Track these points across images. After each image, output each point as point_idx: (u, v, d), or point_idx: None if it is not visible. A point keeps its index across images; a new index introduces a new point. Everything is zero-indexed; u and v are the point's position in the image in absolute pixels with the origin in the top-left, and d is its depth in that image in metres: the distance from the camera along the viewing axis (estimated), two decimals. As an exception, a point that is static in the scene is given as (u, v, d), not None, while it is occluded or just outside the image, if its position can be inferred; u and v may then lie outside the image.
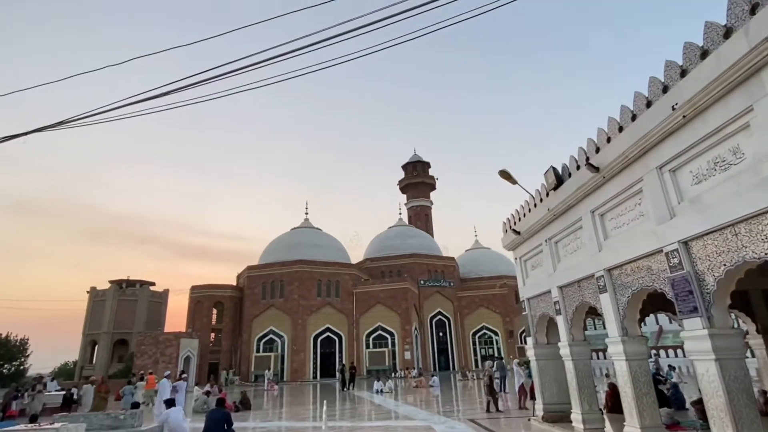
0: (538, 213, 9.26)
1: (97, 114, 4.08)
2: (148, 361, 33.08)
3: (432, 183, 62.94)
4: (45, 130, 4.25)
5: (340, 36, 5.47)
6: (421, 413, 13.53)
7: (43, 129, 4.25)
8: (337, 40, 5.57)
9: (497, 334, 44.28)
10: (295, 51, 5.56)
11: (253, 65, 5.51)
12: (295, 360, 38.09)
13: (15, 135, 4.25)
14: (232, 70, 5.37)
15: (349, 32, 5.49)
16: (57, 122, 4.17)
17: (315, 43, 5.49)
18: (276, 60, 5.59)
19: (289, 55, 5.60)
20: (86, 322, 49.06)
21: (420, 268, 45.54)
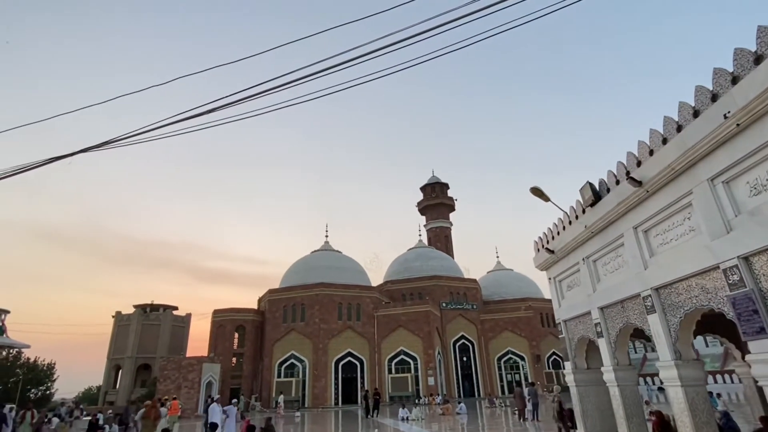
0: (573, 231, 8.94)
1: (140, 134, 4.12)
2: (171, 386, 33.00)
3: (451, 204, 62.61)
4: (90, 151, 4.32)
5: (359, 58, 5.46)
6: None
7: (89, 149, 4.32)
8: (357, 62, 5.56)
9: (523, 358, 42.84)
10: (319, 72, 5.57)
11: (281, 86, 5.53)
12: (316, 386, 37.44)
13: (60, 156, 4.33)
14: (262, 91, 5.39)
15: (369, 53, 5.48)
16: (102, 142, 4.24)
17: (335, 65, 5.49)
18: (301, 82, 5.61)
19: (311, 77, 5.61)
20: (111, 346, 49.56)
21: (441, 291, 44.80)
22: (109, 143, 4.22)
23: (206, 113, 4.57)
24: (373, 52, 5.45)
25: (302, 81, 5.51)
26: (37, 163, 4.33)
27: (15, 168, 4.28)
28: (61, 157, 4.36)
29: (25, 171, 4.30)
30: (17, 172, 4.28)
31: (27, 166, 4.31)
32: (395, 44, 5.43)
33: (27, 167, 4.28)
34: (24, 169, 4.32)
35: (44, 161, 4.37)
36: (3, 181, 5.92)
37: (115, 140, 4.18)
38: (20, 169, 4.28)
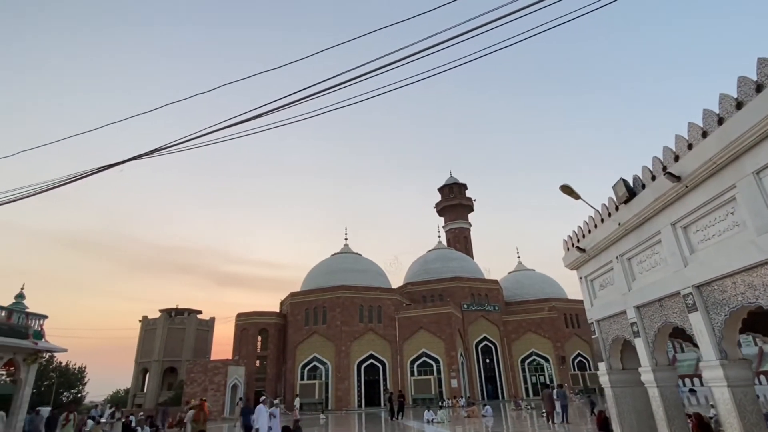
0: (606, 229, 8.77)
1: (186, 141, 4.25)
2: (198, 389, 33.62)
3: (470, 204, 62.21)
4: (141, 158, 4.47)
5: (381, 68, 5.49)
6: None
7: (139, 157, 4.47)
8: (378, 72, 5.59)
9: (548, 360, 42.17)
10: (343, 83, 5.62)
11: (309, 96, 5.59)
12: (339, 388, 37.59)
13: (112, 164, 4.49)
14: (288, 102, 5.46)
15: (391, 63, 5.49)
16: (151, 150, 4.38)
17: (359, 76, 5.52)
18: (327, 92, 5.66)
19: (335, 88, 5.65)
20: (138, 350, 50.76)
21: (462, 292, 44.48)
22: (157, 151, 4.35)
23: (244, 122, 4.67)
24: (395, 62, 5.48)
25: (328, 91, 5.57)
26: (88, 172, 4.50)
27: (68, 177, 4.47)
28: (112, 165, 4.51)
29: (77, 180, 4.49)
30: (69, 182, 4.46)
31: (78, 175, 4.49)
32: (416, 54, 5.44)
33: (79, 176, 4.47)
34: (76, 177, 4.51)
35: (96, 169, 4.54)
36: (33, 190, 6.13)
37: (162, 148, 4.31)
38: (72, 178, 4.47)
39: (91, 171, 4.47)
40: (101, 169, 4.52)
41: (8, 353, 12.75)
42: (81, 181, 5.48)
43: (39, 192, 4.59)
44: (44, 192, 4.60)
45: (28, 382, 13.53)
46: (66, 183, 4.45)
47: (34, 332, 13.53)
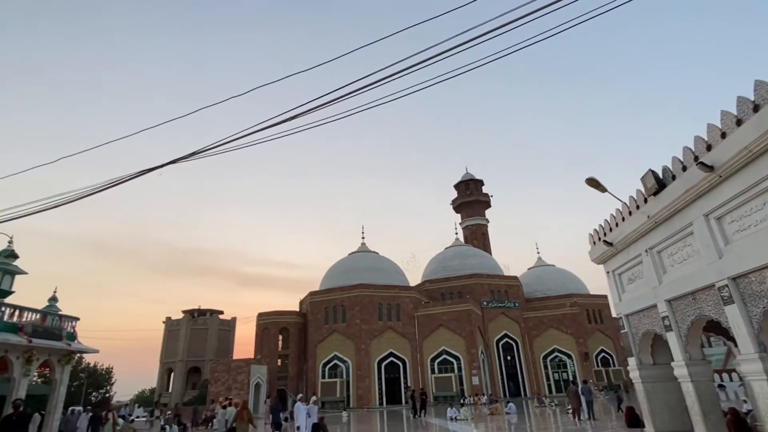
0: (634, 221, 8.62)
1: (224, 144, 4.34)
2: (222, 388, 34.14)
3: (486, 201, 61.67)
4: (179, 162, 4.60)
5: (401, 72, 5.48)
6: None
7: (177, 161, 4.59)
8: (400, 75, 5.58)
9: (570, 356, 41.56)
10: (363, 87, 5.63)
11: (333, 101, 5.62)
12: (360, 386, 37.75)
13: (151, 168, 4.64)
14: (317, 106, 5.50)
15: (410, 67, 5.48)
16: (190, 153, 4.49)
17: (379, 80, 5.52)
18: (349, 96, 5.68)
19: (356, 93, 5.66)
20: (162, 350, 51.85)
21: (482, 289, 44.16)
22: (195, 154, 4.45)
23: (276, 125, 4.74)
24: (420, 63, 5.47)
25: (353, 95, 5.59)
26: (131, 176, 4.65)
27: (109, 182, 4.62)
28: (151, 169, 4.65)
29: (120, 184, 4.64)
30: (109, 186, 4.61)
31: (122, 179, 4.64)
32: (439, 55, 5.41)
33: (122, 179, 4.61)
34: (116, 182, 4.65)
35: (136, 173, 4.68)
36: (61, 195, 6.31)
37: (200, 151, 4.41)
38: (110, 184, 4.61)
39: (133, 175, 4.61)
40: (142, 173, 4.66)
41: (44, 354, 13.18)
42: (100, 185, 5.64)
43: (78, 198, 4.77)
44: (83, 198, 4.77)
45: (63, 382, 13.99)
46: (106, 188, 4.60)
47: (68, 334, 13.97)
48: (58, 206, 5.10)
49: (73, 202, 6.42)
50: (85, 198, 6.57)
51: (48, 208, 6.90)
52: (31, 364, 12.69)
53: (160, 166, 4.63)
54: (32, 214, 8.03)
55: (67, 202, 4.81)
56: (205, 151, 4.38)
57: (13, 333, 12.21)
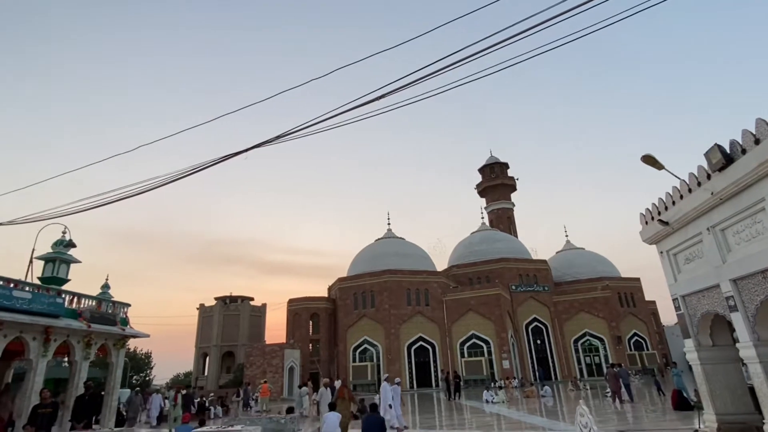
0: (695, 199, 8.32)
1: (310, 126, 4.38)
2: (257, 371, 35.22)
3: (512, 184, 60.79)
4: (264, 146, 4.67)
5: (453, 65, 5.34)
6: (558, 424, 12.73)
7: (261, 145, 4.66)
8: (450, 69, 5.46)
9: (602, 340, 41.02)
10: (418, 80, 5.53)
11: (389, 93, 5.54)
12: (390, 369, 38.20)
13: (236, 153, 4.72)
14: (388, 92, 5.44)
15: (464, 59, 5.33)
16: (275, 137, 4.54)
17: (436, 71, 5.41)
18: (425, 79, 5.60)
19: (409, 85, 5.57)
20: (197, 336, 53.67)
21: (510, 273, 43.83)
22: (278, 138, 4.49)
23: (354, 108, 4.74)
24: (465, 58, 5.36)
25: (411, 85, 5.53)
26: (215, 161, 4.76)
27: (193, 167, 4.75)
28: (236, 153, 4.74)
29: (204, 169, 4.77)
30: (194, 171, 4.74)
31: (207, 164, 4.76)
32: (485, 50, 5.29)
33: (207, 164, 4.74)
34: (202, 167, 4.78)
35: (220, 158, 4.79)
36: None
37: (286, 134, 4.45)
38: (196, 169, 4.75)
39: (217, 159, 4.72)
40: (227, 157, 4.75)
41: (101, 339, 13.82)
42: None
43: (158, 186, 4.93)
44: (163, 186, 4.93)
45: (119, 365, 14.67)
46: (187, 175, 4.74)
47: (121, 319, 14.59)
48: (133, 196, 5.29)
49: (161, 187, 6.62)
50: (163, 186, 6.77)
51: (110, 202, 7.14)
52: (90, 348, 13.33)
53: (244, 151, 4.71)
54: (96, 208, 8.33)
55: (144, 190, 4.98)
56: (290, 134, 4.41)
57: (74, 318, 12.82)
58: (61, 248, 14.03)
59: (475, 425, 13.59)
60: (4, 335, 10.96)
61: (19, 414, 11.71)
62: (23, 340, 11.51)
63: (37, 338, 11.82)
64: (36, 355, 11.76)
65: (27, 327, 11.46)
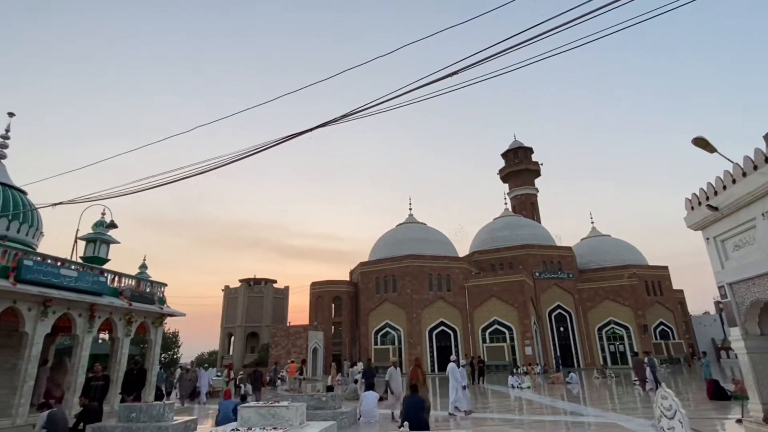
0: (749, 183, 8.00)
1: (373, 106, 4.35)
2: (282, 352, 36.06)
3: (536, 169, 59.66)
4: (330, 125, 4.66)
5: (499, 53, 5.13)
6: (586, 410, 12.68)
7: (327, 124, 4.65)
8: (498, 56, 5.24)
9: (627, 329, 40.40)
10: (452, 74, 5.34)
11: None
12: (412, 353, 38.58)
13: (300, 132, 4.73)
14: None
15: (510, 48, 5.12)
16: (341, 116, 4.53)
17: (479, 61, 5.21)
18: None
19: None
20: (223, 316, 55.08)
21: (534, 260, 43.36)
22: (346, 117, 4.47)
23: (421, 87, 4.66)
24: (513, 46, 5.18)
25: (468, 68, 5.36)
26: (276, 141, 4.79)
27: (255, 147, 4.79)
28: (300, 133, 4.75)
29: (263, 150, 4.79)
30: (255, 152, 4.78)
31: (265, 145, 4.79)
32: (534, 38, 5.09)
33: (265, 146, 4.76)
34: (262, 148, 4.81)
35: (284, 138, 4.80)
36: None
37: (352, 112, 4.43)
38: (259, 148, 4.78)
39: (282, 139, 4.74)
40: (291, 137, 4.76)
41: (140, 317, 14.32)
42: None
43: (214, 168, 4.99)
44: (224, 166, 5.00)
45: (157, 343, 15.22)
46: (253, 153, 4.77)
47: (159, 298, 15.08)
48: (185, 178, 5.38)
49: (220, 168, 6.72)
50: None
51: (157, 186, 7.27)
52: (131, 325, 13.84)
53: (309, 130, 4.70)
54: (138, 192, 8.51)
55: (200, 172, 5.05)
56: (356, 113, 4.38)
57: (116, 297, 13.30)
58: (101, 229, 14.50)
59: (526, 410, 13.59)
60: (53, 311, 11.46)
61: (68, 387, 12.32)
62: (70, 316, 12.01)
63: (82, 315, 12.32)
64: (82, 331, 12.28)
65: (73, 304, 11.95)
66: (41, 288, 10.84)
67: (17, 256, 10.74)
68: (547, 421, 11.10)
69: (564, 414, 12.15)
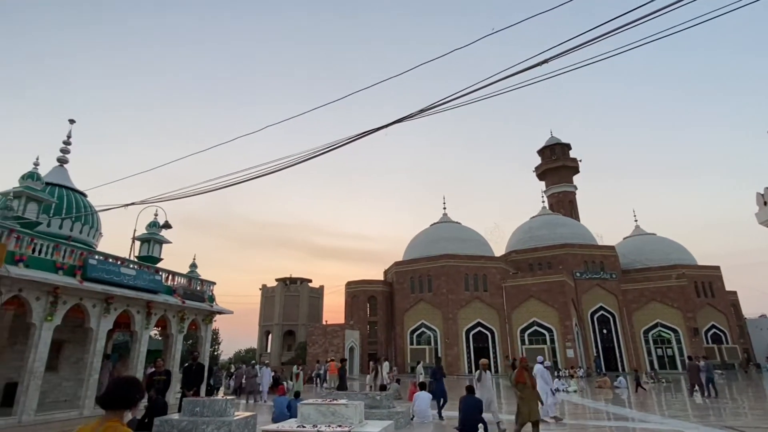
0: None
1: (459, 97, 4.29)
2: (319, 350, 36.44)
3: (574, 166, 57.92)
4: (404, 121, 4.66)
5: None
6: (650, 417, 12.10)
7: (402, 120, 4.65)
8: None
9: (677, 332, 38.51)
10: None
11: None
12: (449, 354, 38.27)
13: (377, 128, 4.75)
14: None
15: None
16: (419, 110, 4.52)
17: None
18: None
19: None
20: (261, 315, 56.36)
21: (574, 260, 42.04)
22: (422, 112, 4.44)
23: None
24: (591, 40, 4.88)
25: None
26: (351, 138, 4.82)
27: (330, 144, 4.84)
28: (376, 129, 4.77)
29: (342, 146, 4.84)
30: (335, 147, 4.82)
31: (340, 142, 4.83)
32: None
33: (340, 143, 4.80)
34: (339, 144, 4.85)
35: (360, 134, 4.82)
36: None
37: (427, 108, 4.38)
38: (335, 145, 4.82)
39: (357, 135, 4.76)
40: (365, 134, 4.78)
41: (192, 314, 14.80)
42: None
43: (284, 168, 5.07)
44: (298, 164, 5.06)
45: (207, 339, 15.70)
46: (328, 150, 4.82)
47: (209, 296, 15.53)
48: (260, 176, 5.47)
49: (289, 167, 6.82)
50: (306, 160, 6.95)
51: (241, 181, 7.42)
52: (184, 322, 14.32)
53: (384, 127, 4.71)
54: (192, 196, 8.74)
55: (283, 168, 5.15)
56: (432, 108, 4.33)
57: (170, 294, 13.78)
58: (154, 229, 15.07)
59: (588, 416, 13.17)
60: (114, 308, 11.99)
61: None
62: (129, 313, 12.54)
63: (140, 312, 12.83)
64: (140, 327, 12.79)
65: (132, 301, 12.46)
66: (104, 286, 11.35)
67: (83, 255, 11.29)
68: (612, 427, 10.65)
69: (626, 420, 11.63)
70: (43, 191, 12.29)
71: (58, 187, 13.88)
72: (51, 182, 13.67)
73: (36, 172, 12.29)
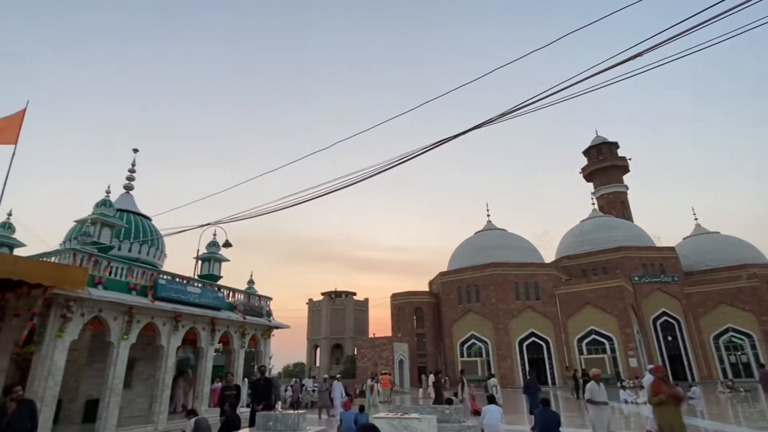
0: None
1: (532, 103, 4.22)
2: (368, 363, 36.35)
3: (624, 165, 55.36)
4: (485, 126, 4.63)
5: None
6: (734, 428, 11.12)
7: (482, 125, 4.62)
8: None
9: (751, 336, 35.50)
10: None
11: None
12: (502, 366, 37.11)
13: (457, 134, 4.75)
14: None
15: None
16: (499, 115, 4.49)
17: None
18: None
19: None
20: (308, 329, 57.18)
21: (631, 263, 39.90)
22: (508, 113, 4.40)
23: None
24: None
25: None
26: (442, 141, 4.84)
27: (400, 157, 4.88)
28: (457, 135, 4.78)
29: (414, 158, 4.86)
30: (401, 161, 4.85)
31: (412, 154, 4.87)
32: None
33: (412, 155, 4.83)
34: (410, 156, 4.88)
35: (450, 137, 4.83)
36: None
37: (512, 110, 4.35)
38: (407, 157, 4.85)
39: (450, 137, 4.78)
40: (456, 136, 4.79)
41: (252, 329, 15.18)
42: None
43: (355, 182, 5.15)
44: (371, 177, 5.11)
45: (266, 354, 16.03)
46: (399, 163, 4.85)
47: (266, 311, 15.89)
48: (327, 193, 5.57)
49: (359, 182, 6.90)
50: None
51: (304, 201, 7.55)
52: (245, 337, 14.70)
53: (463, 133, 4.69)
54: (252, 218, 8.98)
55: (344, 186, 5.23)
56: (517, 109, 4.28)
57: (231, 311, 14.21)
58: (214, 249, 15.65)
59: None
60: (182, 325, 12.48)
61: (196, 396, 13.30)
62: (195, 330, 13.01)
63: (206, 328, 13.28)
64: (206, 344, 13.23)
65: (198, 318, 12.93)
66: (173, 304, 11.86)
67: (153, 276, 11.87)
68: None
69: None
70: (115, 217, 13.08)
71: (126, 213, 14.74)
72: (120, 208, 14.55)
73: (108, 199, 13.11)
